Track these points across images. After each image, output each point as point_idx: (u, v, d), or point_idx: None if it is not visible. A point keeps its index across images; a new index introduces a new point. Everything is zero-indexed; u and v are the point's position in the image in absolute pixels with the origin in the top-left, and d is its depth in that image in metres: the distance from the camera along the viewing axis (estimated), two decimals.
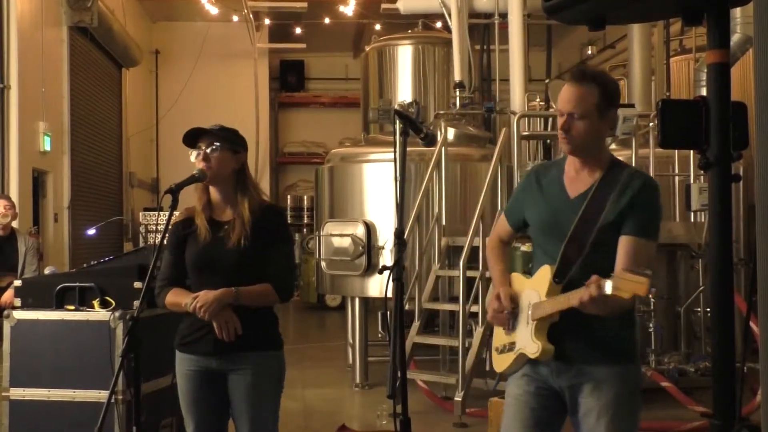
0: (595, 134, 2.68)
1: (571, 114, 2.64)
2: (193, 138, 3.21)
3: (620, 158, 2.90)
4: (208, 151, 3.16)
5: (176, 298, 3.19)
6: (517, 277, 2.82)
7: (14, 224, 6.79)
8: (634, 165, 6.94)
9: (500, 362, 2.80)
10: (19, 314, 4.21)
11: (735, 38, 7.44)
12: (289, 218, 17.34)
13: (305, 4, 14.22)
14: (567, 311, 2.55)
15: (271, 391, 3.22)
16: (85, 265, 5.07)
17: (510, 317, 2.74)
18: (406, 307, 6.49)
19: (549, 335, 2.63)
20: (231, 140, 3.21)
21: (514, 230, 2.92)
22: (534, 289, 2.69)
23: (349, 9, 13.83)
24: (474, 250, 6.37)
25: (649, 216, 2.64)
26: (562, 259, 2.64)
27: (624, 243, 2.61)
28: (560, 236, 2.66)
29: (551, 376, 2.70)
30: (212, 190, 3.24)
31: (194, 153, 3.19)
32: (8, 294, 5.86)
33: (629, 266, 2.49)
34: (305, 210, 17.25)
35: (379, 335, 9.32)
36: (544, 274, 2.67)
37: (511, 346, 2.74)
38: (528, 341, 2.67)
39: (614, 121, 2.73)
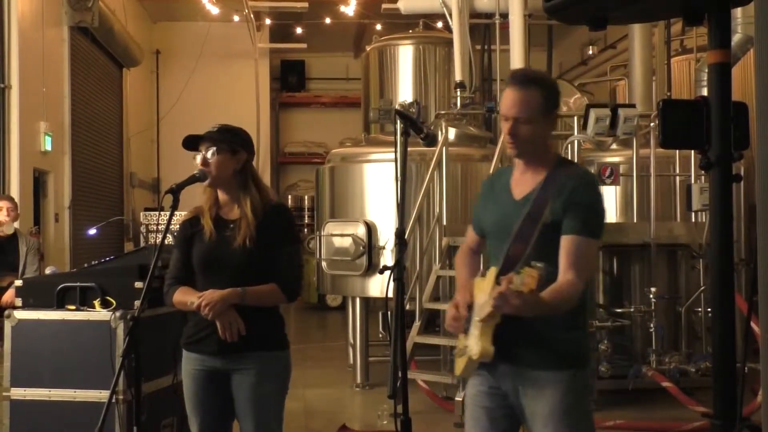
0: (540, 136, 2.71)
1: (517, 119, 2.66)
2: (191, 143, 3.22)
3: (619, 158, 2.93)
4: (208, 155, 3.16)
5: (183, 297, 3.19)
6: (478, 282, 2.83)
7: (15, 224, 6.79)
8: (635, 165, 6.97)
9: (458, 365, 2.81)
10: (20, 314, 4.21)
11: (736, 38, 7.44)
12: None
13: (306, 4, 14.22)
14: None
15: (275, 392, 3.22)
16: (85, 265, 5.06)
17: (466, 324, 2.75)
18: (407, 307, 6.49)
19: (496, 337, 2.62)
20: (229, 141, 3.20)
21: (479, 237, 2.94)
22: (483, 291, 2.70)
23: (349, 9, 13.83)
24: None
25: (586, 214, 2.64)
26: (506, 260, 2.66)
27: (564, 243, 2.61)
28: (506, 237, 2.69)
29: (500, 377, 2.71)
30: (218, 190, 3.25)
31: (198, 157, 3.20)
32: (9, 293, 5.86)
33: (569, 266, 2.52)
34: (306, 210, 17.25)
35: (380, 335, 9.32)
36: (490, 275, 2.68)
37: (465, 349, 2.75)
38: (474, 343, 2.67)
39: (556, 122, 2.80)
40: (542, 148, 2.74)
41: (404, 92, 8.58)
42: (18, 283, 4.41)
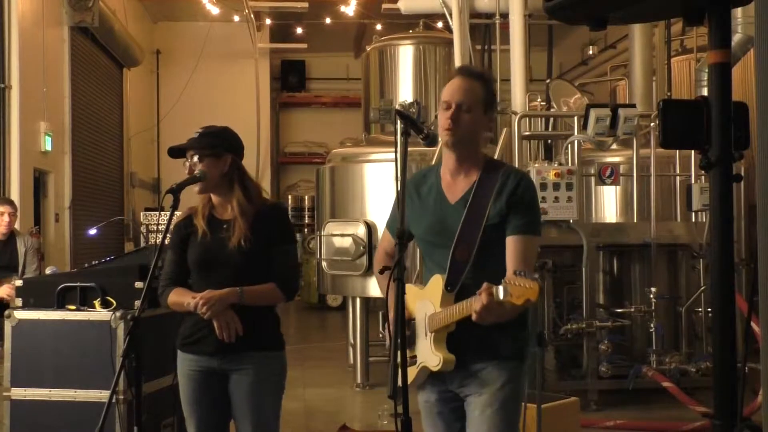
0: (477, 129, 2.74)
1: (459, 105, 2.69)
2: (178, 152, 3.22)
3: (619, 158, 2.94)
4: (195, 161, 3.17)
5: (179, 298, 3.19)
6: (411, 289, 2.82)
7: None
8: (635, 165, 6.97)
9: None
10: (21, 314, 4.21)
11: (736, 38, 7.43)
12: (290, 218, 17.35)
13: (306, 4, 14.23)
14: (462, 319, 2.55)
15: (272, 392, 3.22)
16: (86, 265, 5.06)
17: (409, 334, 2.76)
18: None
19: (447, 344, 2.64)
20: (211, 146, 3.20)
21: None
22: (428, 299, 2.70)
23: (350, 9, 13.84)
24: None
25: (529, 213, 2.69)
26: (452, 266, 2.67)
27: (511, 243, 2.65)
28: (447, 243, 2.69)
29: (448, 379, 2.74)
30: (211, 192, 3.25)
31: (186, 164, 3.21)
32: (6, 288, 5.84)
33: (520, 266, 2.52)
34: (306, 210, 17.26)
35: (380, 335, 9.32)
36: (436, 283, 2.69)
37: (413, 360, 2.74)
38: (428, 354, 2.68)
39: (493, 123, 2.86)
40: (476, 143, 2.77)
41: (404, 92, 8.57)
42: (18, 283, 4.42)
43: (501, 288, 2.35)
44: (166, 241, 3.19)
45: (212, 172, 3.18)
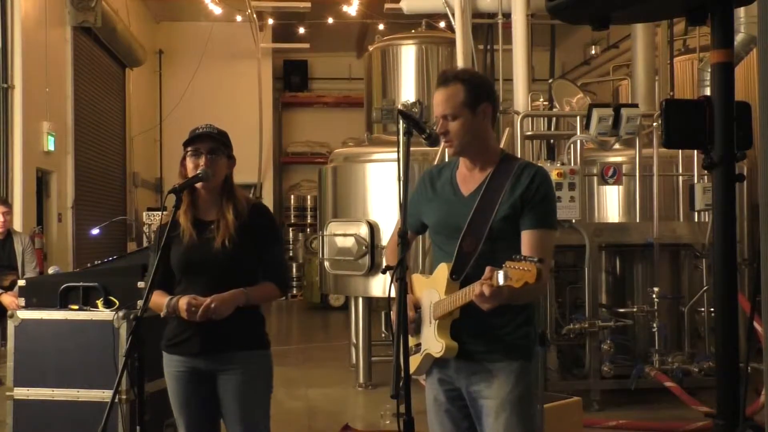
0: (473, 131, 2.73)
1: (444, 116, 2.71)
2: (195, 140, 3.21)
3: (621, 158, 2.92)
4: (210, 157, 3.15)
5: (159, 299, 3.14)
6: (418, 278, 2.85)
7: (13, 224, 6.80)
8: (638, 165, 6.96)
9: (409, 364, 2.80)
10: (24, 314, 4.22)
11: (739, 38, 7.42)
12: (292, 218, 17.39)
13: (309, 4, 14.23)
14: (467, 308, 2.57)
15: (261, 391, 3.22)
16: (88, 265, 5.07)
17: (414, 322, 2.77)
18: None
19: (451, 332, 2.66)
20: (228, 146, 3.22)
21: (413, 232, 2.94)
22: (433, 288, 2.72)
23: (352, 9, 13.84)
24: None
25: (544, 207, 2.70)
26: (458, 256, 2.69)
27: (526, 237, 2.66)
28: (456, 234, 2.71)
29: (453, 373, 2.75)
30: (200, 191, 3.23)
31: (191, 156, 3.17)
32: (12, 301, 5.86)
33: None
34: (308, 210, 17.28)
35: (383, 335, 9.32)
36: (442, 272, 2.70)
37: (417, 348, 2.77)
38: (432, 341, 2.70)
39: (493, 114, 2.77)
40: (481, 142, 2.76)
41: (407, 92, 8.56)
42: (21, 282, 4.43)
43: (501, 273, 2.37)
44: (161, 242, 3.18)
45: (221, 172, 3.19)
